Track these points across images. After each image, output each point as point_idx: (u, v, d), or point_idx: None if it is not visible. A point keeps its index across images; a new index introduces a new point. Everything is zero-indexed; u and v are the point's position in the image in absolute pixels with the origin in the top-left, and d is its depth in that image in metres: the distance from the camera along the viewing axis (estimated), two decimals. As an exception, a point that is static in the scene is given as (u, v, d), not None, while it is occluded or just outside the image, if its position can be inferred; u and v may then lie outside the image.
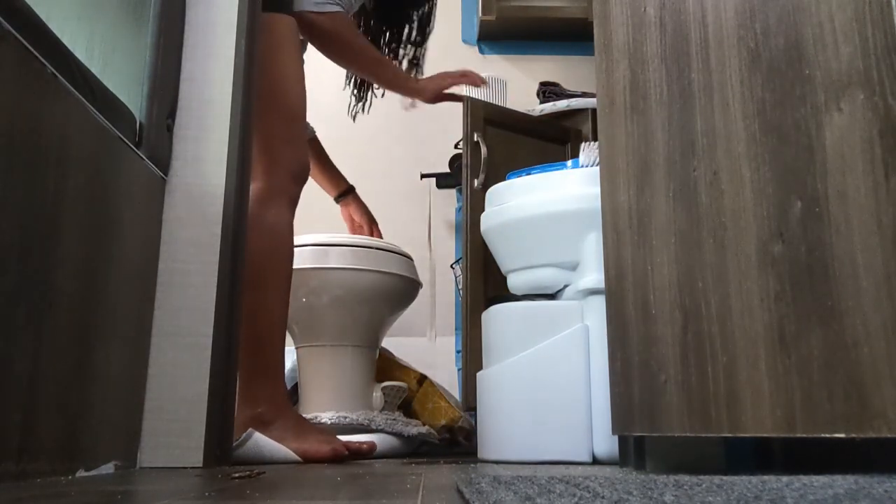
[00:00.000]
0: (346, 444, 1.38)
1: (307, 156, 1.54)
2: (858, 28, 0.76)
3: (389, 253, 1.82)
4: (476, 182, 1.72)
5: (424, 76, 2.00)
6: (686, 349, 0.91)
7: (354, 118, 2.03)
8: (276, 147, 1.45)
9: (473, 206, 1.70)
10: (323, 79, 1.95)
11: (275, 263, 1.40)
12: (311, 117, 1.95)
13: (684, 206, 0.94)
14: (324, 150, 1.97)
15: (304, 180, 1.51)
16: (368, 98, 2.01)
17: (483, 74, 2.38)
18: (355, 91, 2.01)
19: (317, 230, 1.81)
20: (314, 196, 2.26)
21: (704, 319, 0.88)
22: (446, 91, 1.79)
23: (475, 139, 1.75)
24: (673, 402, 0.91)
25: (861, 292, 0.72)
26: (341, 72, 1.84)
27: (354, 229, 2.00)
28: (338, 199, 2.00)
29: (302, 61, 1.59)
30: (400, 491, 0.73)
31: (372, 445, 1.46)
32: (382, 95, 1.99)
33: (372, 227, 1.99)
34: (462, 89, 1.90)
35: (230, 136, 1.26)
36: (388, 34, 2.00)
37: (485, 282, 1.70)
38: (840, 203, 0.75)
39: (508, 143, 1.84)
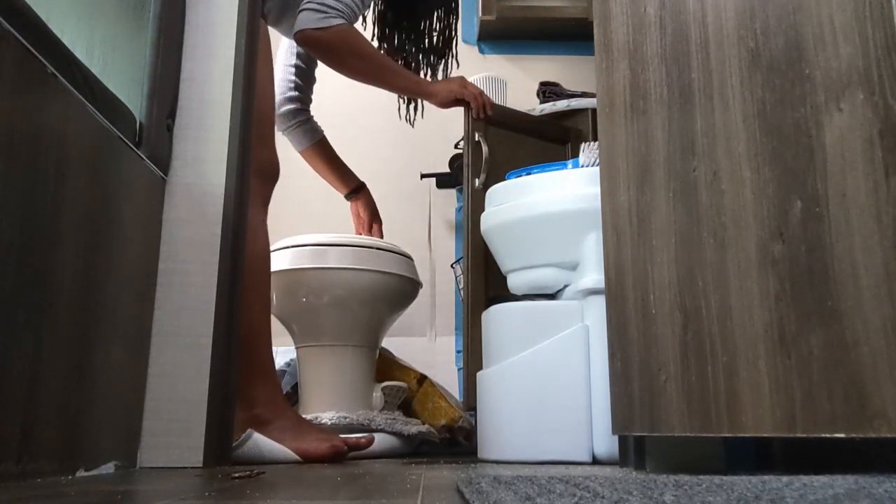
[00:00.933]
0: (345, 440, 1.39)
1: (275, 155, 1.52)
2: (858, 28, 0.76)
3: (389, 253, 1.82)
4: (477, 182, 1.72)
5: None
6: (686, 349, 0.91)
7: (413, 123, 2.03)
8: None
9: (474, 206, 1.70)
10: (323, 80, 1.96)
11: (254, 263, 1.38)
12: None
13: (684, 206, 0.94)
14: (333, 150, 1.97)
15: (274, 180, 1.50)
16: (418, 101, 2.02)
17: (483, 74, 2.40)
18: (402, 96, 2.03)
19: (317, 230, 1.81)
20: (314, 196, 2.27)
21: (704, 319, 0.88)
22: (458, 98, 1.76)
23: (476, 139, 1.75)
24: (673, 402, 0.91)
25: (861, 292, 0.72)
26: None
27: (360, 226, 2.00)
28: (349, 196, 2.00)
29: (271, 62, 1.58)
30: (400, 491, 0.73)
31: (370, 438, 1.46)
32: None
33: (372, 223, 1.98)
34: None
35: (230, 136, 1.26)
36: (404, 32, 2.01)
37: (486, 282, 1.70)
38: (840, 203, 0.75)
39: (509, 142, 1.84)
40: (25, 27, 0.81)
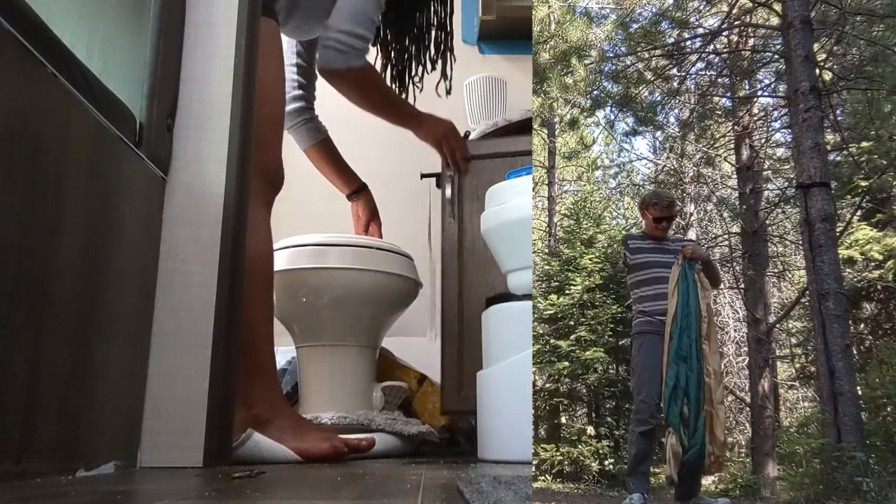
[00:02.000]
0: (346, 441, 1.38)
1: (280, 160, 1.51)
2: None
3: (389, 253, 1.82)
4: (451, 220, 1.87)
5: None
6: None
7: None
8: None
9: (447, 244, 1.88)
10: (323, 80, 1.95)
11: (256, 264, 1.37)
12: (312, 117, 1.96)
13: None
14: (336, 149, 1.98)
15: (277, 184, 1.50)
16: (411, 93, 2.08)
17: (483, 74, 2.40)
18: (395, 86, 2.07)
19: (317, 230, 1.81)
20: (314, 196, 2.27)
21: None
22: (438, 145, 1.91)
23: (448, 177, 1.91)
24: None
25: None
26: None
27: (359, 226, 2.00)
28: (350, 196, 2.00)
29: (282, 67, 1.57)
30: (400, 491, 0.73)
31: (371, 441, 1.46)
32: (421, 90, 2.07)
33: (370, 223, 1.99)
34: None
35: (230, 136, 1.25)
36: (403, 32, 2.05)
37: (459, 295, 1.83)
38: None
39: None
40: (25, 27, 0.81)
